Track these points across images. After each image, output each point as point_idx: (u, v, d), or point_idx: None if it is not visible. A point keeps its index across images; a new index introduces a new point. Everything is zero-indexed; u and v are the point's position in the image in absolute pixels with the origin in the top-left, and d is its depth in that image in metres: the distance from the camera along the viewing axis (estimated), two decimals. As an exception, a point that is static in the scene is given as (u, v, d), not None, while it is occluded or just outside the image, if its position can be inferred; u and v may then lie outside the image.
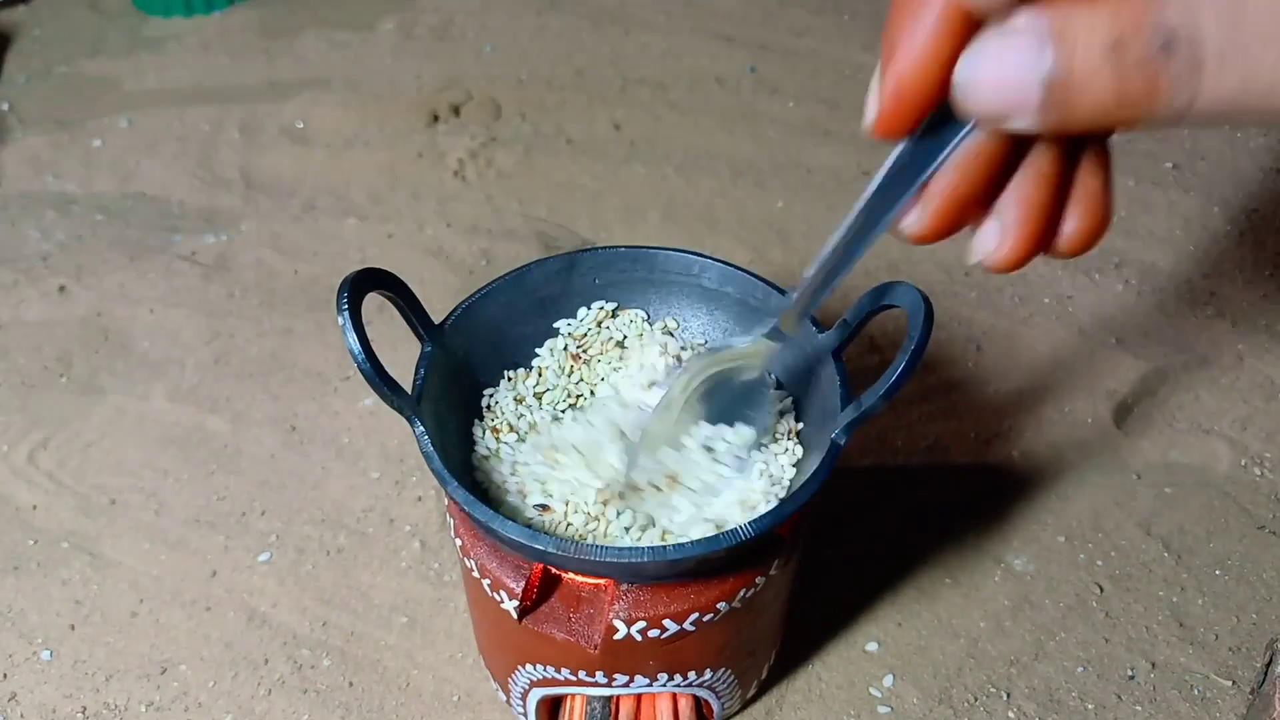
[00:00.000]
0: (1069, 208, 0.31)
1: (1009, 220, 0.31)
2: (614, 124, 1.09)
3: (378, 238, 0.95)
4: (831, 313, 0.86)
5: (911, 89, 0.28)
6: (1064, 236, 0.32)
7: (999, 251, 0.32)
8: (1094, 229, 0.32)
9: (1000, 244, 0.31)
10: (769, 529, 0.45)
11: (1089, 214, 0.31)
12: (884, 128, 0.29)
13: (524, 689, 0.56)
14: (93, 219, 0.97)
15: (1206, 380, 0.82)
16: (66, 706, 0.62)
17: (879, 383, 0.45)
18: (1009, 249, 0.31)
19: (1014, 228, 0.31)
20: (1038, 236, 0.31)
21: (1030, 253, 0.31)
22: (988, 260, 0.32)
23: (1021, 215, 0.31)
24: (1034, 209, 0.31)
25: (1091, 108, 0.25)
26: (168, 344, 0.85)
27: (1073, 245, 0.32)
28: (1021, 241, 0.31)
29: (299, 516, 0.72)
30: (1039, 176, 0.30)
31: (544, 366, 0.57)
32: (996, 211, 0.31)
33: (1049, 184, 0.30)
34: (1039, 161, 0.30)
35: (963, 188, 0.30)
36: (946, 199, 0.31)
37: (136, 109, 1.11)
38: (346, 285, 0.46)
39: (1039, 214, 0.31)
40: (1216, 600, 0.67)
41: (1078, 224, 0.32)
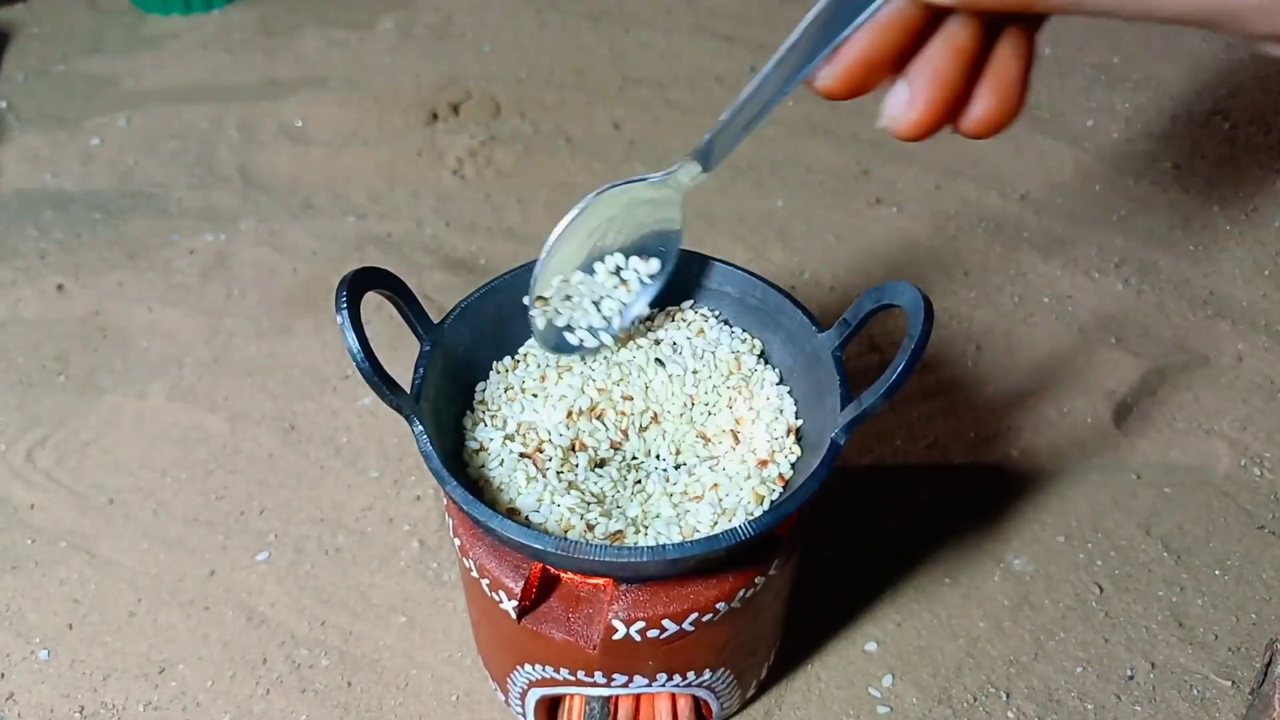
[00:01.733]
0: (980, 87, 0.33)
1: (916, 86, 0.33)
2: (613, 123, 1.08)
3: (376, 236, 0.94)
4: (831, 312, 0.86)
5: None
6: (972, 114, 0.33)
7: (905, 115, 0.33)
8: (1003, 111, 0.33)
9: (907, 109, 0.33)
10: (769, 529, 0.45)
11: (999, 96, 0.33)
12: None
13: (523, 689, 0.56)
14: (91, 217, 0.97)
15: (1206, 380, 0.82)
16: (64, 706, 0.62)
17: (879, 382, 0.45)
18: (914, 114, 0.33)
19: (921, 94, 0.32)
20: (943, 106, 0.33)
21: (935, 121, 0.33)
22: (894, 123, 0.34)
23: (929, 83, 0.32)
24: (942, 78, 0.32)
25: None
26: (166, 343, 0.85)
27: (979, 125, 0.34)
28: (927, 109, 0.33)
29: (297, 516, 0.72)
30: (951, 48, 0.32)
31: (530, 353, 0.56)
32: (906, 76, 0.33)
33: (961, 58, 0.32)
34: (954, 34, 0.32)
35: (875, 48, 0.32)
36: (858, 57, 0.33)
37: (135, 107, 1.11)
38: (345, 284, 0.46)
39: (947, 84, 0.32)
40: (1216, 600, 0.67)
41: (986, 104, 0.33)
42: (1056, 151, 1.02)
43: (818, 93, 0.34)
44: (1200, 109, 1.07)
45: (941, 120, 0.33)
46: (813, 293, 0.88)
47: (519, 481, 0.50)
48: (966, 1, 0.29)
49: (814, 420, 0.52)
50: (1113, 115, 1.07)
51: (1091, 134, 1.05)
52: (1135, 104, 1.08)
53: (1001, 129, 0.34)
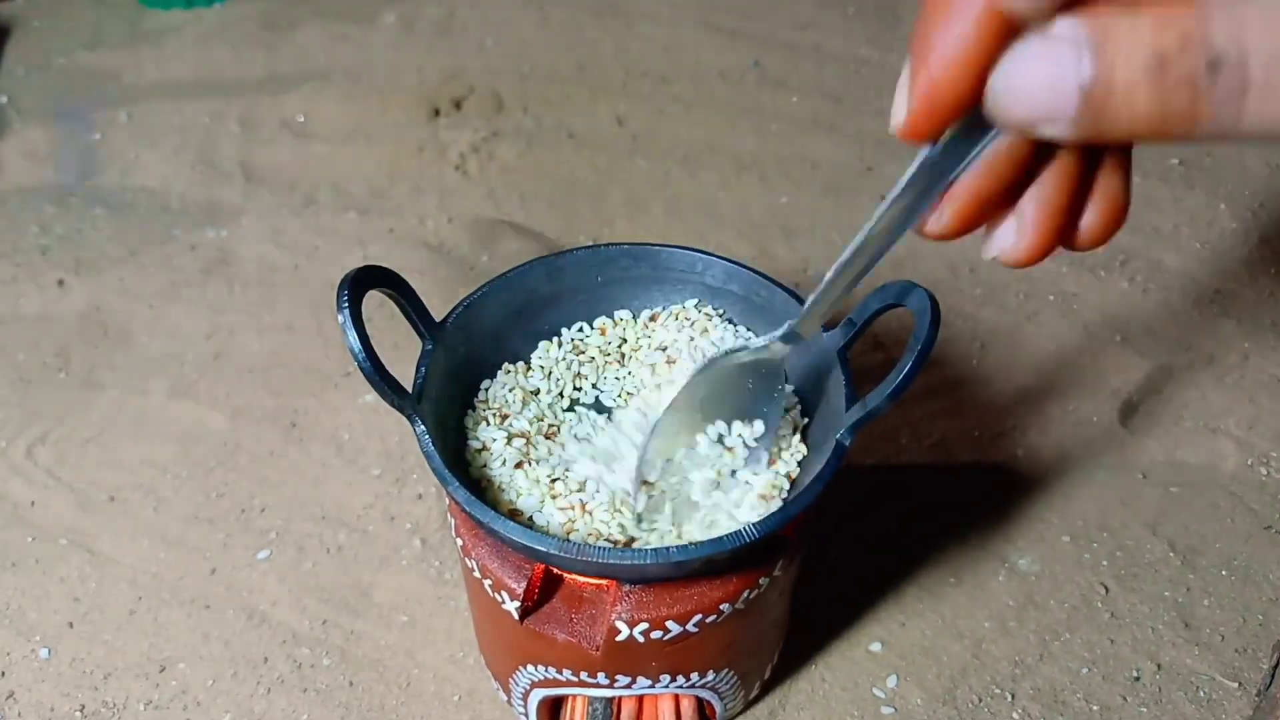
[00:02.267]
0: (1088, 205, 0.31)
1: (1028, 218, 0.31)
2: (616, 118, 1.08)
3: (378, 232, 0.94)
4: (837, 314, 0.86)
5: (944, 93, 0.27)
6: (1081, 233, 0.32)
7: (1016, 249, 0.32)
8: (1111, 226, 0.32)
9: (1018, 241, 0.31)
10: (774, 530, 0.44)
11: (1107, 211, 0.31)
12: (914, 131, 0.28)
13: (525, 689, 0.55)
14: (92, 213, 0.97)
15: (1213, 379, 0.81)
16: (64, 705, 0.62)
17: (885, 383, 0.45)
18: (1026, 246, 0.31)
19: (1033, 226, 0.31)
20: (1057, 234, 0.31)
21: (1048, 250, 0.32)
22: (1004, 257, 0.32)
23: (1042, 214, 0.31)
24: (1055, 208, 0.31)
25: (1129, 122, 0.25)
26: (167, 339, 0.84)
27: (1088, 241, 0.32)
28: (1040, 239, 0.31)
29: (299, 514, 0.72)
30: (1062, 177, 0.30)
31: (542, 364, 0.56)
32: (1016, 209, 0.31)
33: (1071, 184, 0.30)
34: (1063, 162, 0.30)
35: (987, 188, 0.30)
36: (970, 199, 0.31)
37: (136, 102, 1.10)
38: (346, 283, 0.46)
39: (1059, 213, 0.31)
40: (1222, 601, 0.67)
41: (1095, 221, 0.32)
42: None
43: (926, 238, 0.33)
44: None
45: (1055, 246, 0.32)
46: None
47: (521, 482, 0.49)
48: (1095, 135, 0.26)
49: (819, 420, 0.52)
50: (1119, 111, 1.06)
51: (1097, 130, 1.04)
52: (1141, 100, 1.07)
53: (1110, 237, 0.33)
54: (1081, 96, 0.25)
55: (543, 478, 0.50)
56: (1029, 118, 0.26)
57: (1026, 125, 0.26)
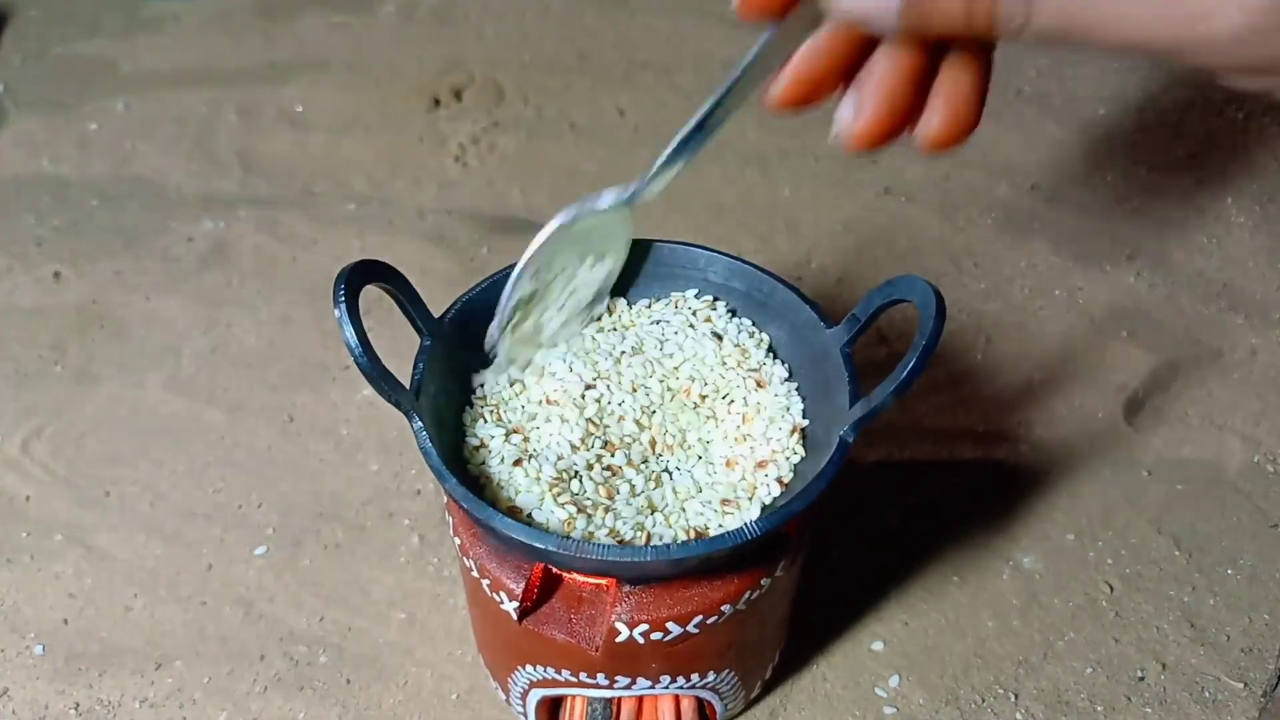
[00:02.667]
0: (931, 100, 0.33)
1: (864, 97, 0.33)
2: (618, 108, 1.07)
3: (378, 224, 0.93)
4: (839, 303, 0.85)
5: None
6: (924, 128, 0.34)
7: (851, 128, 0.33)
8: (955, 126, 0.33)
9: (854, 121, 0.33)
10: (775, 528, 0.44)
11: (952, 110, 0.33)
12: (747, 10, 0.32)
13: (524, 689, 0.55)
14: (88, 203, 0.96)
15: (1219, 374, 0.80)
16: (59, 702, 0.61)
17: (889, 380, 0.44)
18: (861, 125, 0.33)
19: (868, 105, 0.33)
20: (890, 119, 0.33)
21: (881, 132, 0.33)
22: (841, 136, 0.34)
23: (876, 94, 0.33)
24: (888, 90, 0.33)
25: (943, 22, 0.29)
26: (164, 332, 0.84)
27: (932, 139, 0.34)
28: (873, 120, 0.33)
29: (296, 509, 0.71)
30: (898, 61, 0.32)
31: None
32: (854, 87, 0.34)
33: (906, 71, 0.32)
34: (901, 48, 0.32)
35: (821, 63, 0.33)
36: (804, 72, 0.33)
37: (133, 91, 1.09)
38: (343, 277, 0.45)
39: (892, 97, 0.33)
40: (1228, 600, 0.66)
41: (939, 118, 0.33)
42: (1068, 140, 1.01)
43: (769, 107, 0.35)
44: (1215, 97, 1.05)
45: (889, 132, 0.34)
46: (820, 283, 0.87)
47: (520, 480, 0.49)
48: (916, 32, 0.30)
49: (821, 417, 0.51)
50: (1126, 103, 1.05)
51: (1104, 122, 1.03)
52: (1148, 92, 1.06)
53: (956, 144, 0.34)
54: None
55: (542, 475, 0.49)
56: (856, 14, 0.30)
57: (854, 20, 0.31)
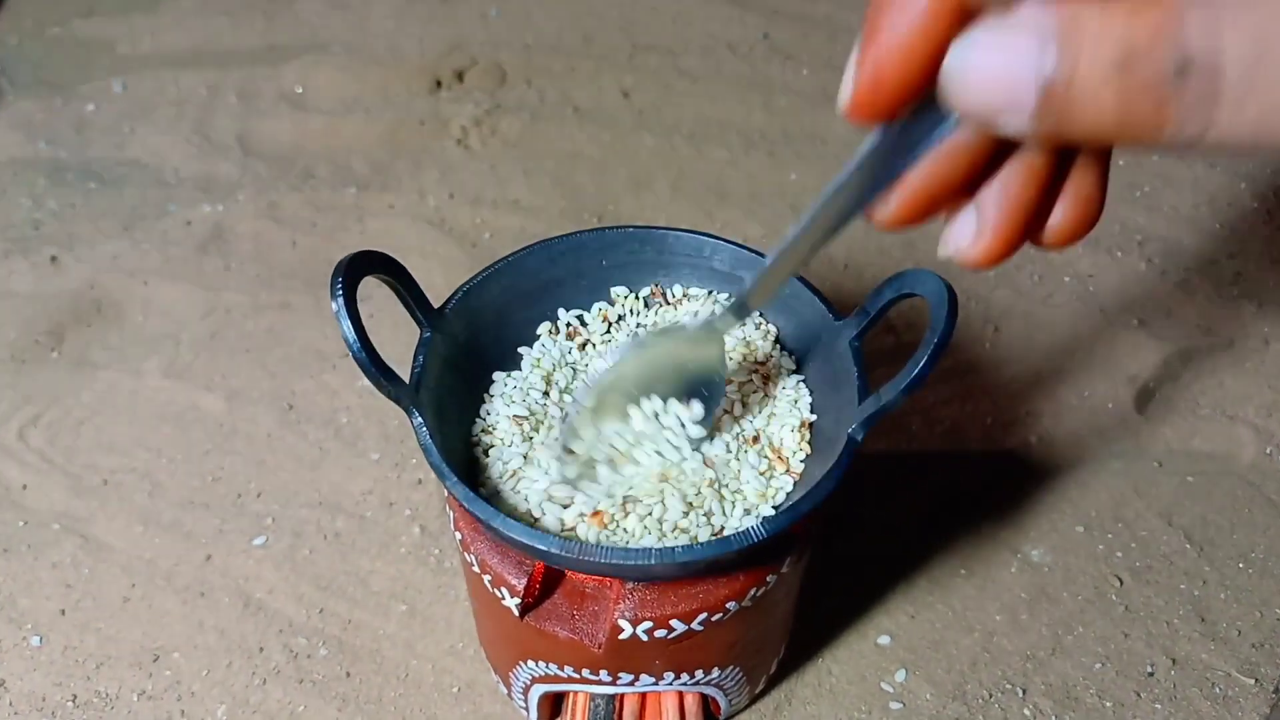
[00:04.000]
0: (1057, 203, 0.29)
1: (988, 216, 0.28)
2: (622, 91, 1.05)
3: (378, 208, 0.92)
4: (846, 291, 0.84)
5: (893, 74, 0.24)
6: (1047, 232, 0.29)
7: (973, 248, 0.29)
8: (1081, 227, 0.29)
9: (976, 240, 0.29)
10: (783, 529, 0.43)
11: (1078, 212, 0.29)
12: (859, 112, 0.26)
13: (525, 684, 0.54)
14: (86, 187, 0.95)
15: (1231, 364, 0.79)
16: (56, 694, 0.61)
17: (900, 376, 0.43)
18: (985, 246, 0.29)
19: (992, 225, 0.28)
20: (1019, 235, 0.29)
21: (1008, 251, 0.29)
22: (960, 256, 0.30)
23: (1003, 212, 0.28)
24: (1017, 207, 0.28)
25: (1090, 123, 0.23)
26: (162, 318, 0.83)
27: (1055, 242, 0.30)
28: (1000, 239, 0.29)
29: (296, 499, 0.70)
30: (1028, 173, 0.28)
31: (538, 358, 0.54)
32: (975, 203, 0.29)
33: (1038, 181, 0.28)
34: (1029, 157, 0.27)
35: (941, 178, 0.28)
36: (921, 189, 0.28)
37: (131, 72, 1.08)
38: (341, 269, 0.44)
39: (1022, 212, 0.28)
40: (1239, 594, 0.65)
41: (1064, 221, 0.29)
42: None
43: (878, 227, 0.30)
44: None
45: (1016, 247, 0.29)
46: (827, 271, 0.86)
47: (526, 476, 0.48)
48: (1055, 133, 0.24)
49: (829, 413, 0.50)
50: (1137, 87, 1.03)
51: (1115, 106, 1.01)
52: (1161, 75, 1.05)
53: (1080, 239, 0.30)
54: (1041, 91, 0.22)
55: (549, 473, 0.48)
56: (984, 108, 0.24)
57: (981, 116, 0.24)
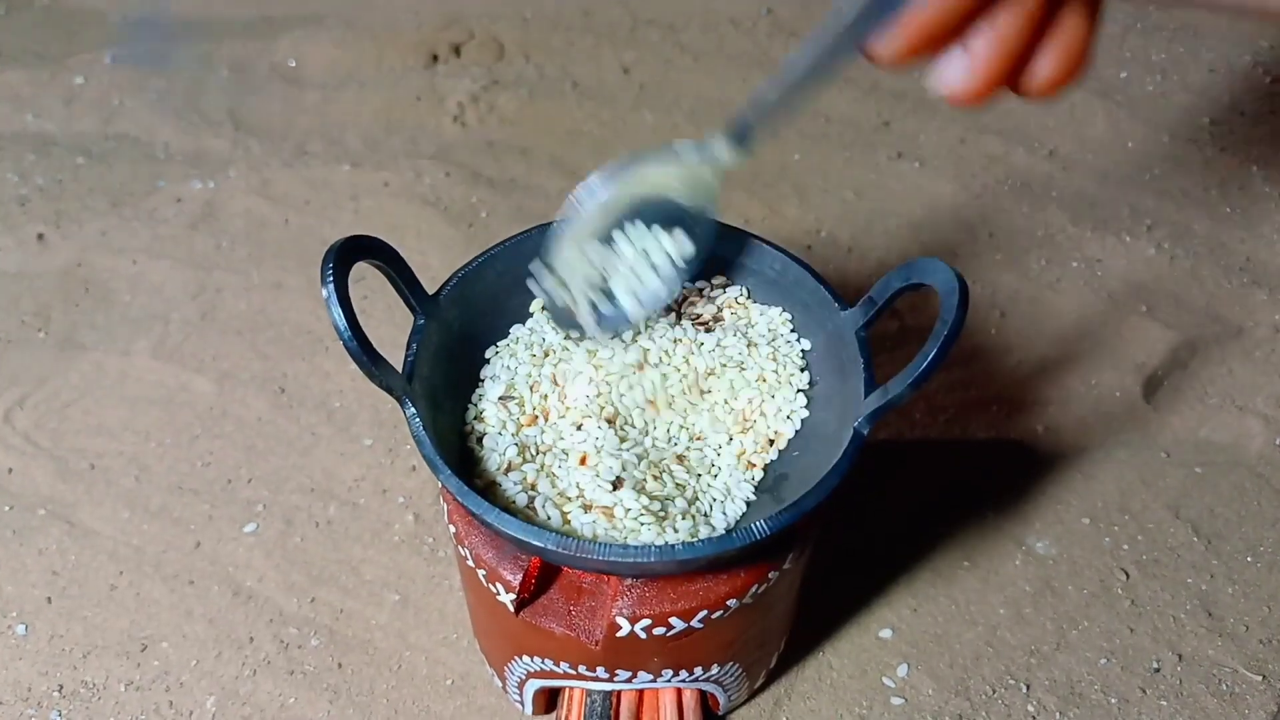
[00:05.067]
0: (1043, 47, 0.31)
1: (977, 51, 0.30)
2: (623, 67, 1.03)
3: (373, 186, 0.90)
4: (850, 276, 0.82)
5: None
6: (1034, 77, 0.31)
7: (961, 82, 0.31)
8: (1065, 73, 0.31)
9: (965, 75, 0.30)
10: (785, 527, 0.41)
11: (1063, 57, 0.31)
12: None
13: (520, 678, 0.53)
14: (74, 162, 0.92)
15: (1241, 352, 0.78)
16: (42, 684, 0.59)
17: (907, 370, 0.42)
18: (972, 81, 0.30)
19: (982, 60, 0.30)
20: (1005, 71, 0.30)
21: (993, 87, 0.31)
22: (948, 90, 0.31)
23: (992, 48, 0.30)
24: (1007, 43, 0.30)
25: None
26: (151, 297, 0.81)
27: (1040, 87, 0.31)
28: (987, 75, 0.30)
29: (287, 485, 0.69)
30: (1018, 13, 0.29)
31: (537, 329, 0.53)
32: (964, 40, 0.30)
33: (1029, 19, 0.29)
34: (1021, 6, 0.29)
35: (939, 16, 0.29)
36: (920, 26, 0.29)
37: (121, 44, 1.05)
38: (331, 255, 0.42)
39: (1011, 49, 0.30)
40: (1247, 589, 0.64)
41: (1049, 66, 0.31)
42: (1087, 105, 0.97)
43: (872, 61, 0.31)
44: (1240, 62, 1.01)
45: (1000, 84, 0.31)
46: (830, 254, 0.84)
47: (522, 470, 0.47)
48: None
49: (834, 405, 0.49)
50: (1148, 66, 1.02)
51: (1124, 86, 1.00)
52: (1172, 55, 1.03)
53: (1063, 90, 0.32)
54: None
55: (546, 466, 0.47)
56: None
57: None
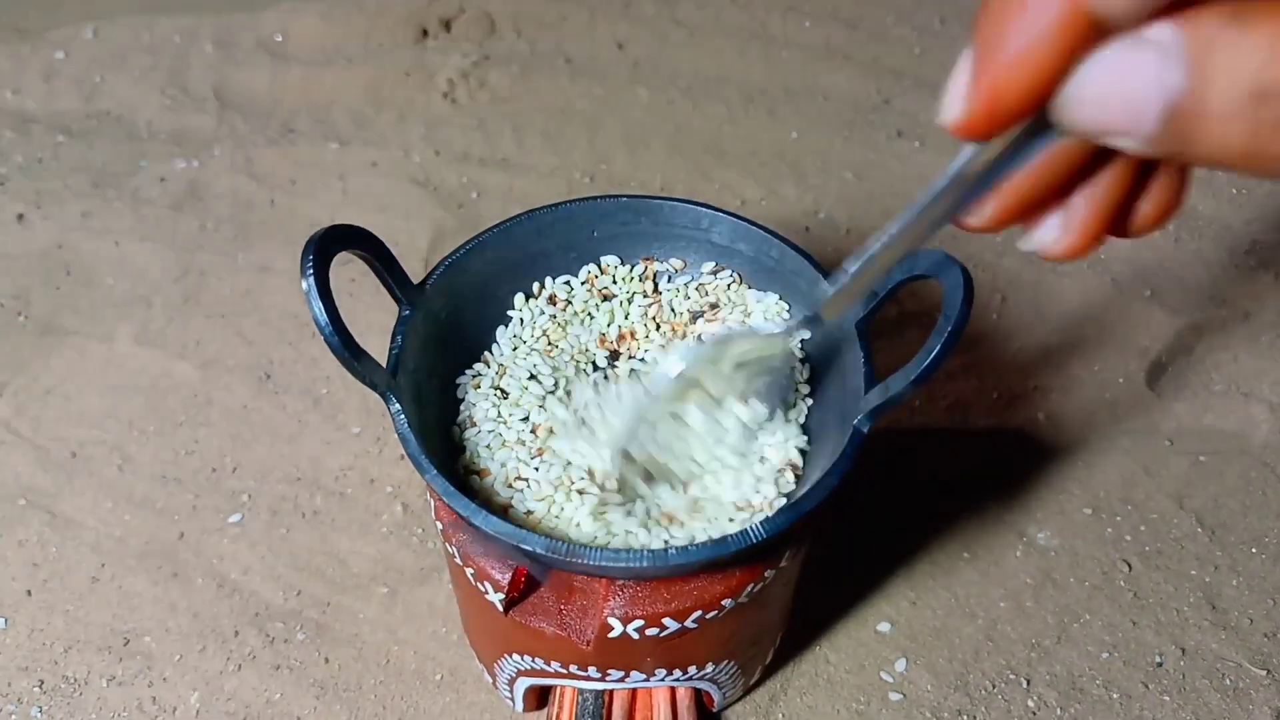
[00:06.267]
0: (1142, 197, 0.28)
1: (1077, 218, 0.28)
2: (617, 43, 1.01)
3: (360, 165, 0.88)
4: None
5: (1011, 94, 0.23)
6: (1131, 225, 0.29)
7: (1059, 245, 0.28)
8: (1161, 222, 0.29)
9: (1061, 238, 0.28)
10: (782, 529, 0.40)
11: (1162, 206, 0.28)
12: (971, 131, 0.24)
13: (511, 676, 0.52)
14: (54, 140, 0.90)
15: (1246, 338, 0.76)
16: (22, 680, 0.58)
17: (909, 366, 0.40)
18: (1070, 244, 0.28)
19: (1080, 225, 0.28)
20: (1104, 232, 0.28)
21: (1091, 248, 0.29)
22: (1045, 252, 0.29)
23: (1092, 214, 0.27)
24: (1107, 209, 0.27)
25: (1215, 150, 0.21)
26: (134, 280, 0.79)
27: (1135, 234, 0.29)
28: (1086, 238, 0.28)
29: (272, 474, 0.67)
30: (1120, 180, 0.27)
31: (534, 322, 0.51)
32: (1064, 205, 0.28)
33: (1129, 187, 0.27)
34: (1124, 165, 0.26)
35: (1038, 187, 0.27)
36: (1019, 197, 0.27)
37: (103, 18, 1.03)
38: (312, 246, 0.41)
39: (1110, 212, 0.28)
40: (1251, 581, 0.63)
41: (1147, 215, 0.28)
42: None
43: (970, 229, 0.29)
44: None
45: (1098, 244, 0.29)
46: (828, 236, 0.82)
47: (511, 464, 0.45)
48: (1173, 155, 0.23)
49: (833, 400, 0.47)
50: (1153, 43, 0.99)
51: (1129, 63, 0.97)
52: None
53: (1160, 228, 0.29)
54: (1165, 114, 0.21)
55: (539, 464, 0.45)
56: (1102, 128, 0.23)
57: (1097, 134, 0.23)
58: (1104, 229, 0.28)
